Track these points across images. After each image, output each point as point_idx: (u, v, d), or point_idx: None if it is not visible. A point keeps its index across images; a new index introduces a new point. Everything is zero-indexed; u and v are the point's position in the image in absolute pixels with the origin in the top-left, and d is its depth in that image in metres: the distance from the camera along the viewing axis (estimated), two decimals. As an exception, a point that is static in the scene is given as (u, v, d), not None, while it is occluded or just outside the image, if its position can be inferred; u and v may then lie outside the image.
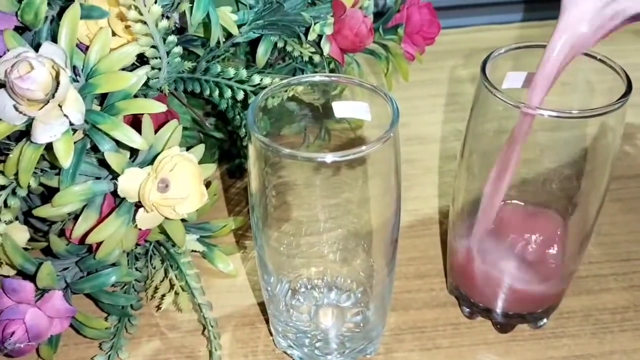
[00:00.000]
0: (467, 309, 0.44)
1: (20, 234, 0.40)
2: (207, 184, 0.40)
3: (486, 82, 0.36)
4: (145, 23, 0.35)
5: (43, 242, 0.42)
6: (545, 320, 0.43)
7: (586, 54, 0.37)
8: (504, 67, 0.39)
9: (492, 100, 0.36)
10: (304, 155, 0.32)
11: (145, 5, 0.34)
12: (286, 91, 0.37)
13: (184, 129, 0.48)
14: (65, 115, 0.34)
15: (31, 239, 0.41)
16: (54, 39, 0.36)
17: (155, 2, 0.35)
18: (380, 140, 0.31)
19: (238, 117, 0.47)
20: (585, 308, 0.45)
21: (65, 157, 0.34)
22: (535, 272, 0.40)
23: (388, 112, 0.34)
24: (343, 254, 0.41)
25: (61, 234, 0.41)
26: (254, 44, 0.47)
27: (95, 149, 0.37)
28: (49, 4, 0.37)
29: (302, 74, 0.51)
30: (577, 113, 0.34)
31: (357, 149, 0.31)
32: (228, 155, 0.56)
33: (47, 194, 0.41)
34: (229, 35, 0.43)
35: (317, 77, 0.37)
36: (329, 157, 0.31)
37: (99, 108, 0.37)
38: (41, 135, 0.34)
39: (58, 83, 0.33)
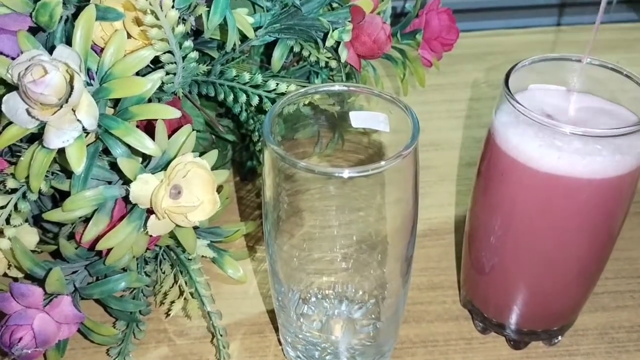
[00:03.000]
0: (481, 324, 0.43)
1: (30, 237, 0.40)
2: (219, 188, 0.39)
3: (509, 95, 0.35)
4: (161, 28, 0.34)
5: (52, 245, 0.41)
6: (559, 337, 0.42)
7: (612, 69, 0.37)
8: (525, 76, 0.38)
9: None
10: (321, 169, 0.31)
11: (162, 10, 0.33)
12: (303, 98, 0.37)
13: (197, 131, 0.48)
14: (78, 120, 0.33)
15: (40, 241, 0.41)
16: (69, 40, 0.35)
17: (173, 7, 0.34)
18: (400, 156, 0.31)
19: (252, 120, 0.46)
20: (600, 326, 0.44)
21: (77, 163, 0.33)
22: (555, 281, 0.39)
23: (405, 117, 0.33)
24: (356, 265, 0.40)
25: (71, 236, 0.41)
26: (268, 44, 0.46)
27: (106, 151, 0.37)
28: (64, 4, 0.36)
29: (317, 77, 0.51)
30: (609, 131, 0.33)
31: (376, 164, 0.30)
32: (240, 156, 0.55)
33: (58, 195, 0.41)
34: (244, 38, 0.43)
35: (336, 87, 0.36)
36: (346, 173, 0.30)
37: (112, 111, 0.37)
38: (53, 141, 0.33)
39: (72, 87, 0.32)
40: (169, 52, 0.36)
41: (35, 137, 0.35)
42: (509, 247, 0.38)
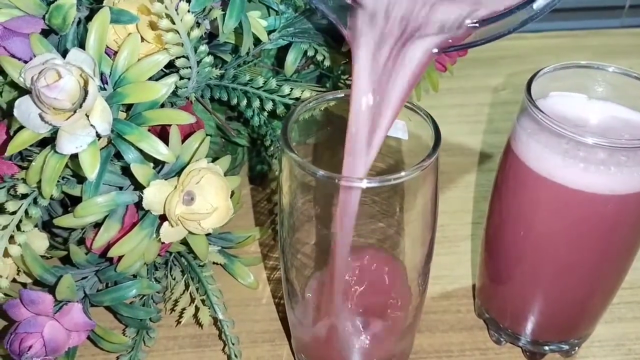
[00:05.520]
0: (496, 334, 0.42)
1: (39, 242, 0.39)
2: (231, 193, 0.38)
3: (531, 104, 0.34)
4: (177, 32, 0.33)
5: (62, 251, 0.41)
6: (576, 349, 0.42)
7: (635, 77, 0.36)
8: (544, 83, 0.38)
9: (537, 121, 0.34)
10: (342, 179, 0.30)
11: (177, 14, 0.33)
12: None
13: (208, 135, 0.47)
14: (92, 125, 0.32)
15: (50, 246, 0.40)
16: (81, 43, 0.35)
17: (188, 11, 0.33)
18: (421, 167, 0.30)
19: (264, 126, 0.45)
20: (617, 337, 0.43)
21: (91, 168, 0.33)
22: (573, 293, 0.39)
23: (423, 123, 0.33)
24: (371, 275, 0.39)
25: (81, 242, 0.40)
26: (280, 48, 0.46)
27: (118, 155, 0.36)
28: (77, 6, 0.35)
29: (329, 80, 0.50)
30: (638, 142, 0.32)
31: (396, 174, 0.30)
32: (250, 160, 0.55)
33: (68, 200, 0.40)
34: (257, 42, 0.42)
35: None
36: (365, 183, 0.30)
37: (124, 115, 0.36)
38: (66, 146, 0.32)
39: (86, 92, 0.32)
40: (184, 56, 0.35)
41: (46, 141, 0.34)
42: (528, 258, 0.37)
